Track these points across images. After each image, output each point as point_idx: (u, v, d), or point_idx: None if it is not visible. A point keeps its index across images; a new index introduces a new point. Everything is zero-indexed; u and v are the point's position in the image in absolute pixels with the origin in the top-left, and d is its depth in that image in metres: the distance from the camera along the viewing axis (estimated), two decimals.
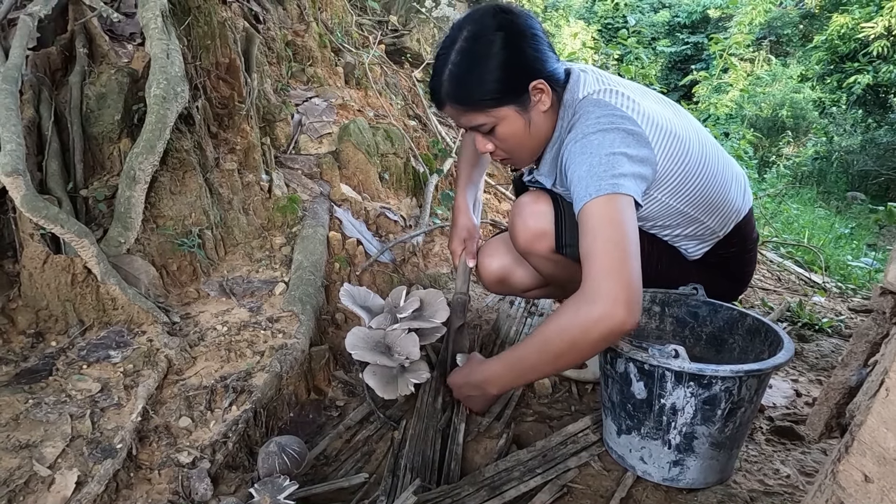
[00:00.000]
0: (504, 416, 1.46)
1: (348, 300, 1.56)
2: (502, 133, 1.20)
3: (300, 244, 1.76)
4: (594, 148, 1.11)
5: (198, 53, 1.98)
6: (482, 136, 1.23)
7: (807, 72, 11.52)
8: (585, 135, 1.14)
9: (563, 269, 1.39)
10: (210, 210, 1.65)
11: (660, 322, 1.50)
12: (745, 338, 1.37)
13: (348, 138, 2.29)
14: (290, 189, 2.03)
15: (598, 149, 1.11)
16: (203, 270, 1.59)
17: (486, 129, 1.20)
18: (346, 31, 3.43)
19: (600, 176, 1.08)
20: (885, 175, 9.69)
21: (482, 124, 1.19)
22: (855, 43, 10.02)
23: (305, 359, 1.42)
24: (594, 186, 1.08)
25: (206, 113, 1.87)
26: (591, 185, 1.08)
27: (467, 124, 1.22)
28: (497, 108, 1.17)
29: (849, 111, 10.40)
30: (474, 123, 1.20)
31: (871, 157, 9.86)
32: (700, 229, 1.37)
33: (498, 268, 1.53)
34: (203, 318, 1.46)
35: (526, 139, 1.23)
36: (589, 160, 1.10)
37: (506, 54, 1.13)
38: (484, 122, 1.19)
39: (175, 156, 1.56)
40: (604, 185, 1.07)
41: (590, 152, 1.11)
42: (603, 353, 1.29)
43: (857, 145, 10.00)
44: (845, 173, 9.93)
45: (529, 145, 1.25)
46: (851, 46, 10.15)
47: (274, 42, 2.60)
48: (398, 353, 1.46)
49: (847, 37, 10.14)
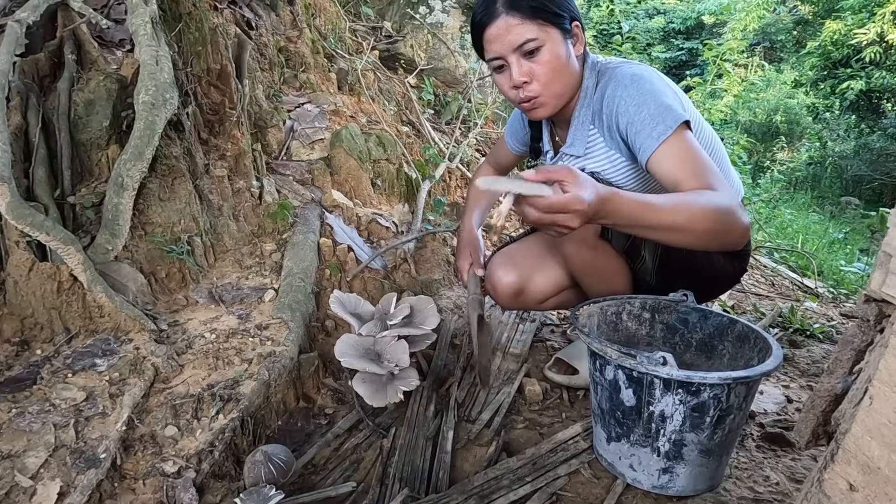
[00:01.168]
0: (494, 423, 1.46)
1: (339, 307, 1.55)
2: (546, 56, 1.22)
3: (291, 251, 1.76)
4: (648, 96, 1.21)
5: (189, 59, 1.98)
6: (522, 59, 1.23)
7: (800, 77, 11.58)
8: (631, 81, 1.24)
9: (602, 259, 1.41)
10: (200, 216, 1.64)
11: (650, 329, 1.49)
12: (735, 344, 1.37)
13: (340, 144, 2.28)
14: (282, 195, 2.02)
15: (651, 96, 1.21)
16: (192, 277, 1.59)
17: (532, 46, 1.21)
18: (340, 38, 3.43)
19: (664, 118, 1.17)
20: (879, 180, 9.74)
21: (532, 39, 1.20)
22: (848, 49, 10.07)
23: (294, 366, 1.41)
24: (661, 127, 1.17)
25: (197, 119, 1.87)
26: (660, 127, 1.17)
27: (517, 40, 1.21)
28: (551, 26, 1.22)
29: (842, 116, 10.45)
30: (525, 38, 1.20)
31: (865, 162, 9.90)
32: None
33: (513, 281, 1.51)
34: (191, 326, 1.45)
35: (564, 71, 1.26)
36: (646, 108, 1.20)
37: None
38: (535, 38, 1.20)
39: (164, 162, 1.55)
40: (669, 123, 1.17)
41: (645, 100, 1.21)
42: (592, 360, 1.29)
43: (851, 150, 10.05)
44: (839, 178, 9.98)
45: (564, 80, 1.27)
46: (844, 52, 10.20)
47: (266, 48, 2.60)
48: (388, 361, 1.46)
49: (840, 43, 10.19)
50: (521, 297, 1.55)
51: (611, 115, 1.28)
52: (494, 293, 1.57)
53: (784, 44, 13.46)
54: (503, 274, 1.52)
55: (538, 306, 1.61)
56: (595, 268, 1.44)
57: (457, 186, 3.19)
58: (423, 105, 3.71)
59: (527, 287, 1.52)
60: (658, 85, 1.24)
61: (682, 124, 1.18)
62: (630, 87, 1.24)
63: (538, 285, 1.53)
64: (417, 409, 1.45)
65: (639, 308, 1.48)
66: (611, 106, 1.28)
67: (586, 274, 1.47)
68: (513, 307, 1.67)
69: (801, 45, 12.39)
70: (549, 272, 1.54)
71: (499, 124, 4.13)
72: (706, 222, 1.07)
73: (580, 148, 1.39)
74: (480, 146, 3.86)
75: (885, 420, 0.69)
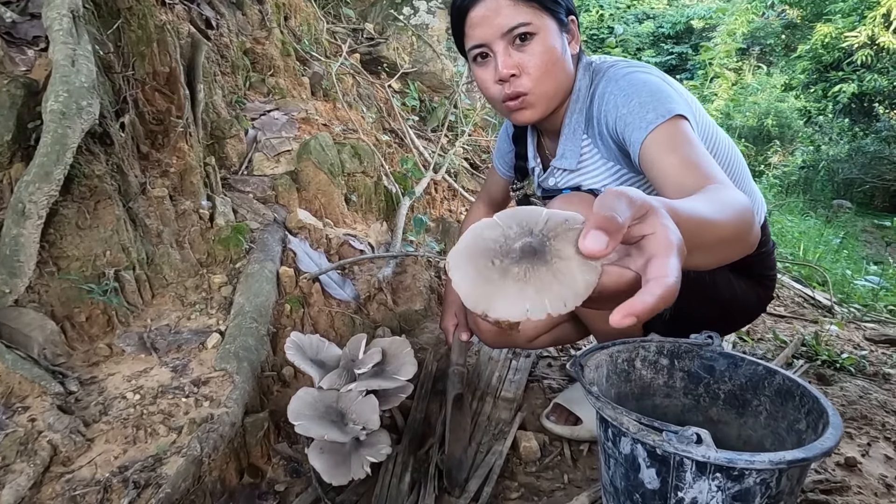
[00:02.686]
0: (483, 494, 1.20)
1: (296, 354, 1.29)
2: (539, 46, 1.05)
3: (244, 283, 1.50)
4: (639, 86, 1.03)
5: (129, 61, 1.72)
6: (511, 48, 1.05)
7: (790, 81, 11.55)
8: (624, 75, 1.07)
9: None
10: (132, 246, 1.38)
11: (668, 377, 1.25)
12: (775, 401, 1.13)
13: (308, 156, 2.03)
14: (239, 216, 1.76)
15: (643, 86, 1.02)
16: (120, 320, 1.32)
17: (523, 31, 1.03)
18: (316, 39, 3.18)
19: (656, 106, 0.98)
20: (870, 183, 9.70)
21: (525, 24, 1.03)
22: (839, 52, 10.04)
23: (237, 433, 1.15)
24: (652, 115, 0.97)
25: (136, 130, 1.61)
26: (650, 115, 0.97)
27: (507, 23, 1.03)
28: (546, 14, 1.05)
29: (835, 120, 10.37)
30: (518, 21, 1.02)
31: (857, 165, 9.87)
32: None
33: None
34: (111, 384, 1.18)
35: (558, 67, 1.08)
36: (638, 98, 1.01)
37: None
38: (529, 23, 1.03)
39: (84, 183, 1.29)
40: (661, 111, 0.97)
41: (636, 90, 1.02)
42: (602, 426, 1.04)
43: (845, 154, 9.98)
44: (831, 181, 9.91)
45: (557, 79, 1.09)
46: (835, 56, 10.16)
47: (228, 49, 2.35)
48: (353, 423, 1.20)
49: (831, 46, 10.16)
50: (510, 334, 1.32)
51: (600, 117, 1.09)
52: (478, 331, 1.35)
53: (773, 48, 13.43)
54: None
55: (529, 345, 1.40)
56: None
57: (443, 199, 2.95)
58: (408, 111, 3.47)
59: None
60: (654, 79, 1.06)
61: (678, 116, 0.97)
62: (621, 80, 1.07)
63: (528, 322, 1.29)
64: (390, 481, 1.19)
65: (655, 353, 1.23)
66: (600, 106, 1.08)
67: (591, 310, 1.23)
68: (500, 346, 1.44)
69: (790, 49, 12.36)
70: None
71: (489, 132, 3.90)
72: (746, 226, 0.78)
73: (572, 160, 1.18)
74: (469, 155, 3.62)
75: None
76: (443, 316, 1.54)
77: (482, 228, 0.47)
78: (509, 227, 0.46)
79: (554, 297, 0.42)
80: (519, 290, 0.42)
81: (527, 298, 0.42)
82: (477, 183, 3.34)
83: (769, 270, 1.36)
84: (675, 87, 1.08)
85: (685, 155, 0.91)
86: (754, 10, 11.66)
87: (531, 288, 0.42)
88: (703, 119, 1.15)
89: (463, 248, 0.46)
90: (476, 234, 0.46)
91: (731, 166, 1.22)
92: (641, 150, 0.97)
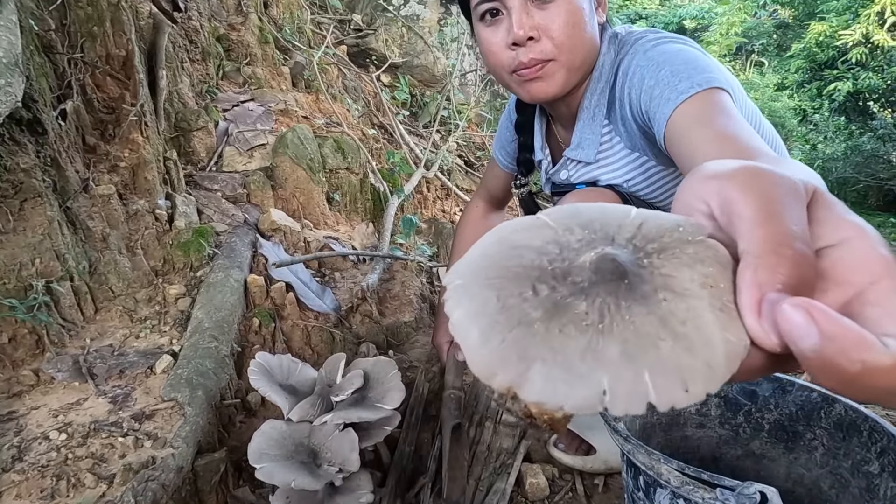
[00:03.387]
0: None
1: (261, 378, 1.08)
2: (564, 5, 0.87)
3: (204, 294, 1.29)
4: (672, 54, 0.85)
5: (77, 42, 1.51)
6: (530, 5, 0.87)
7: (784, 80, 11.49)
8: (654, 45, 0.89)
9: None
10: (69, 252, 1.17)
11: (701, 404, 1.06)
12: (835, 435, 0.94)
13: (285, 151, 1.82)
14: (204, 217, 1.55)
15: (676, 55, 0.84)
16: (52, 341, 1.11)
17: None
18: (299, 29, 2.98)
19: (689, 75, 0.79)
20: (864, 182, 9.63)
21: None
22: (833, 51, 9.96)
23: (186, 479, 0.95)
24: (685, 84, 0.78)
25: (81, 119, 1.40)
26: (681, 83, 0.79)
27: None
28: None
29: (831, 118, 10.29)
30: None
31: (851, 164, 9.82)
32: None
33: None
34: (33, 420, 0.97)
35: (585, 32, 0.91)
36: (669, 66, 0.82)
37: None
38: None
39: (5, 178, 1.08)
40: (697, 79, 0.78)
41: (667, 59, 0.84)
42: (630, 472, 0.85)
43: (841, 152, 9.91)
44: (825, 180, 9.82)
45: (585, 47, 0.92)
46: (830, 54, 10.08)
47: (198, 35, 2.14)
48: (328, 463, 1.00)
49: (825, 45, 10.09)
50: None
51: (623, 96, 0.90)
52: None
53: (765, 47, 13.38)
54: None
55: None
56: None
57: (436, 198, 2.75)
58: (398, 106, 3.27)
59: None
60: (690, 49, 0.88)
61: (715, 88, 0.78)
62: (651, 51, 0.89)
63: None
64: None
65: None
66: (623, 83, 0.90)
67: None
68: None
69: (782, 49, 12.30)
70: None
71: (483, 127, 3.71)
72: None
73: (590, 151, 0.99)
74: (463, 152, 3.43)
75: None
76: (436, 330, 1.38)
77: (514, 230, 0.25)
78: (568, 231, 0.25)
79: (665, 372, 0.20)
80: (588, 349, 0.21)
81: (605, 368, 0.21)
82: (472, 181, 3.16)
83: None
84: (715, 62, 0.89)
85: (721, 127, 0.71)
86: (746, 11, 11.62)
87: (614, 347, 0.21)
88: (745, 102, 0.96)
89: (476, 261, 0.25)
90: (502, 239, 0.25)
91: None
92: (668, 126, 0.78)
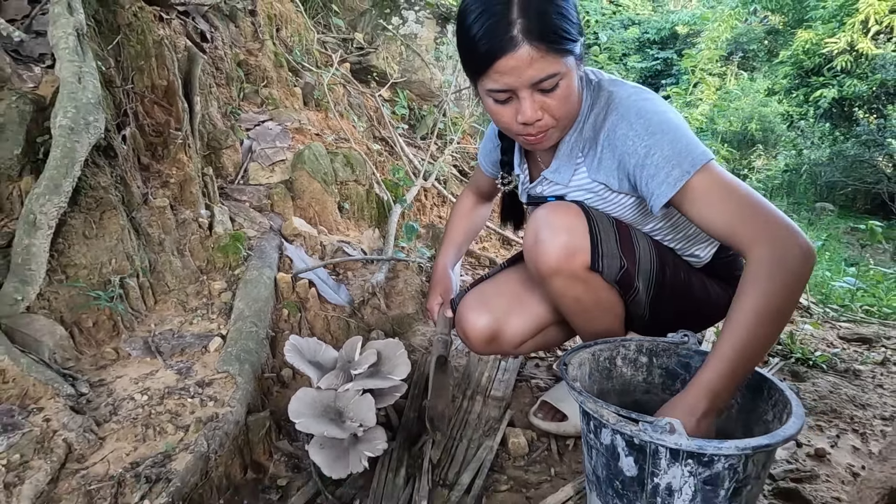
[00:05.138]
0: (474, 487, 1.27)
1: (295, 356, 1.35)
2: (562, 90, 1.05)
3: (243, 289, 1.56)
4: (654, 128, 1.06)
5: (129, 76, 1.78)
6: (536, 93, 1.05)
7: (773, 86, 11.72)
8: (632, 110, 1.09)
9: (591, 293, 1.24)
10: (135, 254, 1.44)
11: (648, 374, 1.32)
12: (745, 395, 1.21)
13: (303, 166, 2.10)
14: (236, 225, 1.82)
15: (658, 129, 1.06)
16: (125, 325, 1.38)
17: (553, 83, 1.03)
18: (307, 50, 3.25)
19: (689, 152, 1.03)
20: (852, 186, 9.86)
21: (554, 75, 1.02)
22: (819, 58, 10.21)
23: (241, 431, 1.21)
24: (687, 163, 1.02)
25: (137, 142, 1.67)
26: (685, 162, 1.02)
27: (537, 75, 1.02)
28: (569, 54, 1.04)
29: (816, 124, 10.57)
30: (548, 73, 1.02)
31: (839, 168, 10.03)
32: None
33: (487, 324, 1.36)
34: (119, 386, 1.24)
35: (575, 100, 1.11)
36: (667, 141, 1.04)
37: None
38: (557, 73, 1.02)
39: (90, 194, 1.35)
40: (697, 158, 1.02)
41: (653, 138, 1.06)
42: (585, 419, 1.11)
43: (826, 157, 10.16)
44: (813, 184, 10.08)
45: (574, 110, 1.14)
46: (816, 61, 10.33)
47: (223, 62, 2.41)
48: (350, 420, 1.26)
49: (812, 52, 10.33)
50: (496, 342, 1.40)
51: (614, 153, 1.13)
52: (466, 339, 1.41)
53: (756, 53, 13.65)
54: (475, 317, 1.36)
55: (515, 350, 1.46)
56: (586, 304, 1.28)
57: (433, 206, 3.02)
58: (397, 120, 3.54)
59: (502, 330, 1.37)
60: (661, 113, 1.09)
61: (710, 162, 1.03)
62: (633, 119, 1.09)
63: (515, 328, 1.38)
64: (386, 475, 1.26)
65: (635, 352, 1.31)
66: (612, 141, 1.12)
67: (577, 312, 1.31)
68: (487, 353, 1.50)
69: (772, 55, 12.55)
70: (527, 312, 1.39)
71: (476, 138, 3.97)
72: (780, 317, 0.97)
73: (566, 176, 1.24)
74: (458, 162, 3.70)
75: None
76: (428, 296, 1.55)
77: None
78: None
79: None
80: None
81: None
82: None
83: (738, 271, 1.44)
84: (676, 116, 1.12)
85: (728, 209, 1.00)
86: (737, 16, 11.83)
87: None
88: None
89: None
90: None
91: None
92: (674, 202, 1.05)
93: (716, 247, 1.35)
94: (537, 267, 1.21)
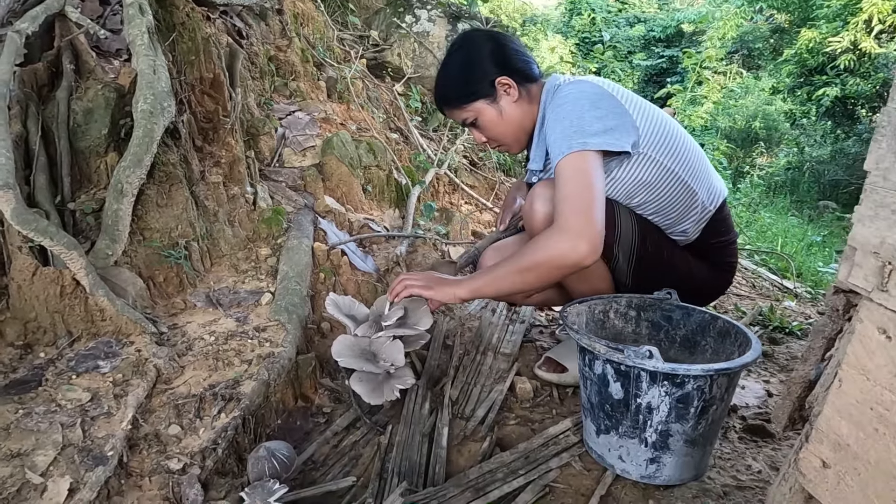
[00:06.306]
0: (487, 419, 1.50)
1: (334, 309, 1.59)
2: (482, 123, 1.47)
3: (285, 255, 1.79)
4: (565, 114, 1.33)
5: (183, 68, 2.01)
6: (474, 129, 1.50)
7: (778, 84, 11.80)
8: (560, 105, 1.35)
9: None
10: (196, 222, 1.67)
11: (636, 326, 1.55)
12: (717, 340, 1.43)
13: (331, 151, 2.33)
14: (275, 201, 2.06)
15: (568, 114, 1.32)
16: (189, 282, 1.62)
17: (469, 122, 1.47)
18: (328, 46, 3.48)
19: (570, 136, 1.29)
20: (855, 184, 9.95)
21: (465, 119, 1.47)
22: (823, 57, 10.27)
23: (292, 367, 1.45)
24: (565, 145, 1.28)
25: (192, 127, 1.90)
26: (563, 144, 1.29)
27: (458, 119, 1.49)
28: (472, 102, 1.44)
29: (818, 122, 10.69)
30: (462, 118, 1.47)
31: (841, 166, 10.11)
32: (694, 203, 1.48)
33: None
34: (190, 329, 1.48)
35: (503, 123, 1.46)
36: (560, 125, 1.32)
37: (464, 64, 1.44)
38: (466, 117, 1.46)
39: (162, 169, 1.58)
40: (573, 143, 1.28)
41: (562, 118, 1.32)
42: (581, 355, 1.34)
43: (828, 155, 10.27)
44: (817, 183, 10.18)
45: (510, 130, 1.48)
46: (820, 60, 10.40)
47: (257, 57, 2.64)
48: (383, 360, 1.50)
49: (815, 51, 10.40)
50: None
51: (546, 136, 1.41)
52: None
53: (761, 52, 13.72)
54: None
55: (525, 300, 1.74)
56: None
57: (445, 192, 3.25)
58: (411, 112, 3.76)
59: None
60: (585, 105, 1.33)
61: (585, 151, 1.27)
62: (558, 108, 1.36)
63: None
64: (413, 406, 1.49)
65: (625, 306, 1.54)
66: (546, 127, 1.41)
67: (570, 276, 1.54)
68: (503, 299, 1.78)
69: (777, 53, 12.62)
70: None
71: None
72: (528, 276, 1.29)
73: (539, 163, 1.53)
74: (468, 153, 3.92)
75: (853, 400, 0.75)
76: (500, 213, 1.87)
77: None
78: None
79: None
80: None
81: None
82: (475, 179, 3.64)
83: (729, 258, 1.62)
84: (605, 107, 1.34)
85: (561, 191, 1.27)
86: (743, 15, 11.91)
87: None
88: (649, 118, 1.41)
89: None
90: None
91: (684, 154, 1.47)
92: (554, 172, 1.31)
93: (703, 223, 1.53)
94: (531, 229, 1.48)
